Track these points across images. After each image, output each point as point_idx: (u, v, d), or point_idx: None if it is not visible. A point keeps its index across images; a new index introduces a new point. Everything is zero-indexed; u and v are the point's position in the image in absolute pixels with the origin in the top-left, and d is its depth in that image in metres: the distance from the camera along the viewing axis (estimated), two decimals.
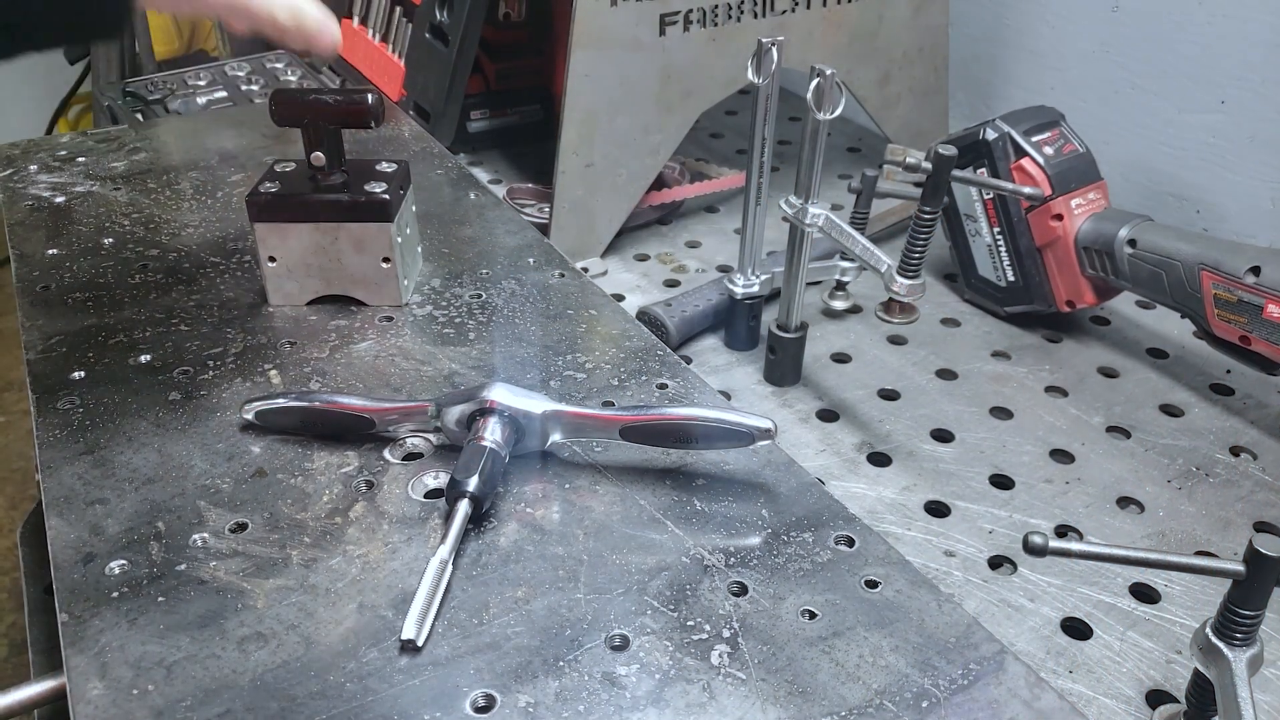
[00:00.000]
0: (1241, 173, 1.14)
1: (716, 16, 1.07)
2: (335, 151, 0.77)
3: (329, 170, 0.77)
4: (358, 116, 0.74)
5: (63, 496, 0.62)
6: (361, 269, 0.80)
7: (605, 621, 0.55)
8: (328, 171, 0.77)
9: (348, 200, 0.77)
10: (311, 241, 0.78)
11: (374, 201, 0.77)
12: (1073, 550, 0.54)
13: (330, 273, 0.80)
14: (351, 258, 0.79)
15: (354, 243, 0.78)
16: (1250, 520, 0.78)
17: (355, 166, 0.79)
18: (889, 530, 0.76)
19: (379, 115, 0.75)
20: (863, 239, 0.81)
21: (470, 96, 1.30)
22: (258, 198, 0.77)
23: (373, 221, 0.77)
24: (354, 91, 0.75)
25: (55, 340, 0.76)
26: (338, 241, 0.78)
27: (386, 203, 0.77)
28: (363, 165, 0.80)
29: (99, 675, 0.51)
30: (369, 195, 0.77)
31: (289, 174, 0.79)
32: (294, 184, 0.78)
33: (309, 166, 0.77)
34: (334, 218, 0.77)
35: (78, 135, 1.09)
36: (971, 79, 1.41)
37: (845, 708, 0.50)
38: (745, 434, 0.62)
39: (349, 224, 0.77)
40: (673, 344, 0.95)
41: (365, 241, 0.78)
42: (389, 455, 0.67)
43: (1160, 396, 0.92)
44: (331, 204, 0.77)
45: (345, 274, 0.80)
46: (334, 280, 0.81)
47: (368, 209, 0.77)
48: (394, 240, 0.78)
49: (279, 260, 0.79)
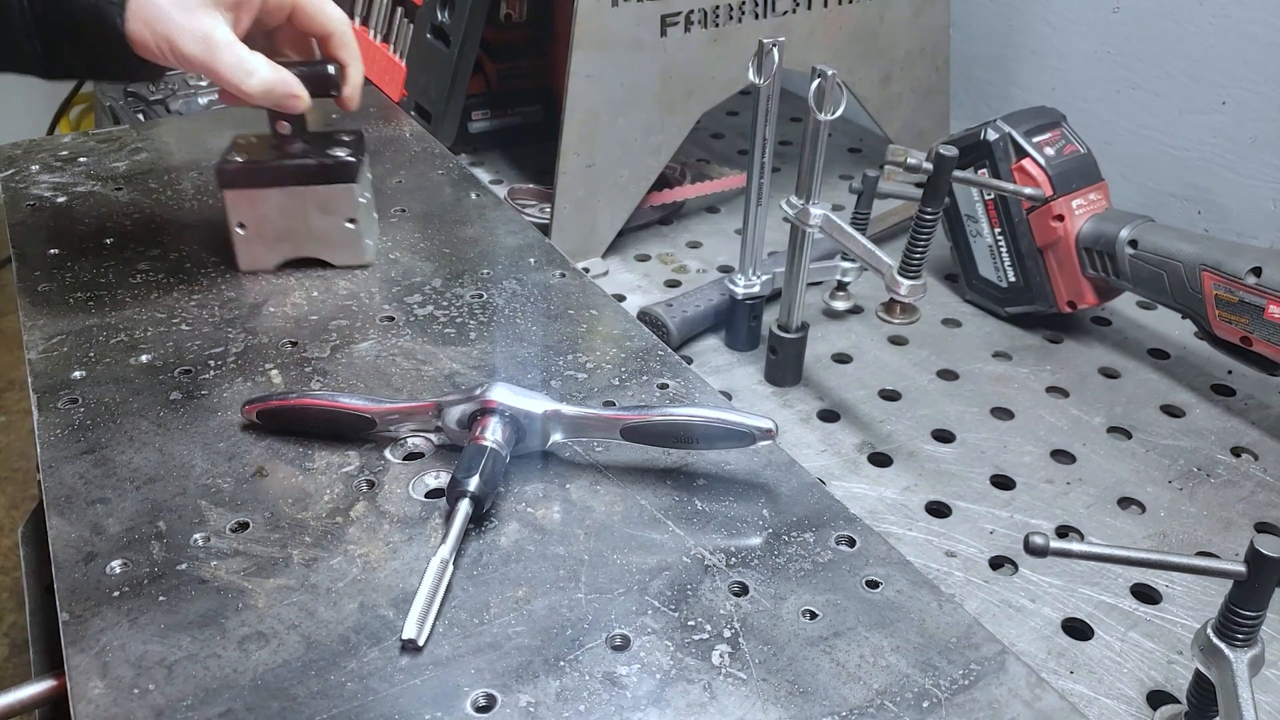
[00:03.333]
0: (1243, 173, 1.14)
1: (718, 17, 1.07)
2: (298, 122, 0.81)
3: (291, 140, 0.81)
4: (321, 85, 0.79)
5: (64, 496, 0.62)
6: (327, 230, 0.84)
7: (606, 621, 0.55)
8: (290, 141, 0.81)
9: (314, 164, 0.81)
10: (279, 206, 0.82)
11: (339, 164, 0.81)
12: (1074, 551, 0.54)
13: (298, 235, 0.84)
14: (318, 220, 0.83)
15: (320, 205, 0.83)
16: (1251, 521, 0.78)
17: (313, 137, 0.84)
18: (890, 531, 0.76)
19: (337, 84, 0.80)
20: (864, 239, 0.81)
21: (471, 97, 1.30)
22: (227, 166, 0.81)
23: (338, 183, 0.82)
24: (315, 63, 0.79)
25: (56, 340, 0.76)
26: (305, 204, 0.83)
27: (351, 164, 0.82)
28: (321, 135, 0.84)
29: (100, 674, 0.51)
30: (334, 159, 0.81)
31: (252, 145, 0.83)
32: (259, 153, 0.82)
33: (273, 135, 0.81)
34: (301, 181, 0.82)
35: (79, 135, 1.09)
36: (973, 79, 1.41)
37: (846, 708, 0.50)
38: (746, 434, 0.62)
39: (316, 187, 0.82)
40: (674, 344, 0.95)
41: (331, 203, 0.83)
42: (390, 455, 0.67)
43: (1161, 397, 0.92)
44: (299, 168, 0.81)
45: (312, 236, 0.85)
46: (302, 243, 0.85)
47: (334, 171, 0.81)
48: (357, 200, 0.83)
49: (248, 227, 0.83)
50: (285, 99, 0.76)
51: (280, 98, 0.75)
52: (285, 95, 0.75)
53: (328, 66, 0.79)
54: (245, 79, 0.73)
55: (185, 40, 0.70)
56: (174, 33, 0.70)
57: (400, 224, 0.94)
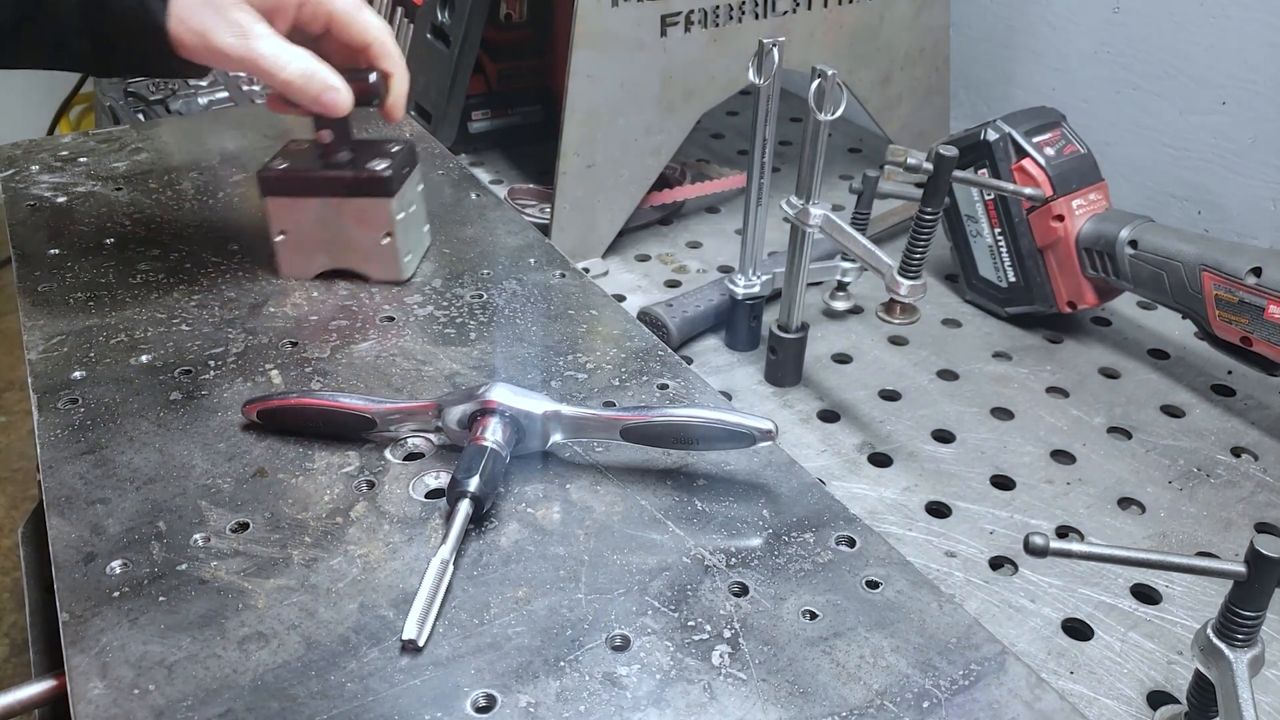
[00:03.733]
0: (1243, 173, 1.14)
1: (718, 17, 1.07)
2: (342, 131, 0.80)
3: (336, 148, 0.80)
4: (363, 94, 0.77)
5: (64, 496, 0.62)
6: (364, 244, 0.82)
7: (606, 622, 0.55)
8: (335, 149, 0.80)
9: (350, 176, 0.80)
10: (318, 216, 0.81)
11: (375, 178, 0.80)
12: (1074, 551, 0.54)
13: (336, 247, 0.83)
14: (354, 232, 0.82)
15: (357, 218, 0.81)
16: (1251, 521, 0.78)
17: (363, 146, 0.82)
18: (890, 531, 0.76)
19: (382, 93, 0.78)
20: (864, 239, 0.81)
21: (472, 97, 1.30)
22: (268, 173, 0.81)
23: (374, 197, 0.80)
24: (359, 71, 0.77)
25: (56, 340, 0.76)
26: (342, 216, 0.81)
27: (387, 179, 0.79)
28: (370, 144, 0.83)
29: (100, 675, 0.51)
30: (370, 172, 0.80)
31: (300, 152, 0.83)
32: (302, 161, 0.82)
33: (318, 145, 0.80)
34: (338, 193, 0.80)
35: (79, 135, 1.09)
36: (973, 80, 1.42)
37: (846, 708, 0.50)
38: (746, 435, 0.62)
39: (352, 199, 0.80)
40: (674, 344, 0.95)
41: (368, 216, 0.81)
42: (390, 455, 0.67)
43: (1161, 397, 0.92)
44: (335, 180, 0.80)
45: (349, 248, 0.83)
46: (339, 254, 0.84)
47: (369, 184, 0.80)
48: (393, 216, 0.81)
49: (288, 234, 0.83)
50: (325, 92, 0.74)
51: (320, 89, 0.73)
52: (324, 87, 0.74)
53: (370, 75, 0.77)
54: (284, 66, 0.71)
55: (222, 33, 0.70)
56: (211, 28, 0.70)
57: None
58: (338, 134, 0.80)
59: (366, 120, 1.13)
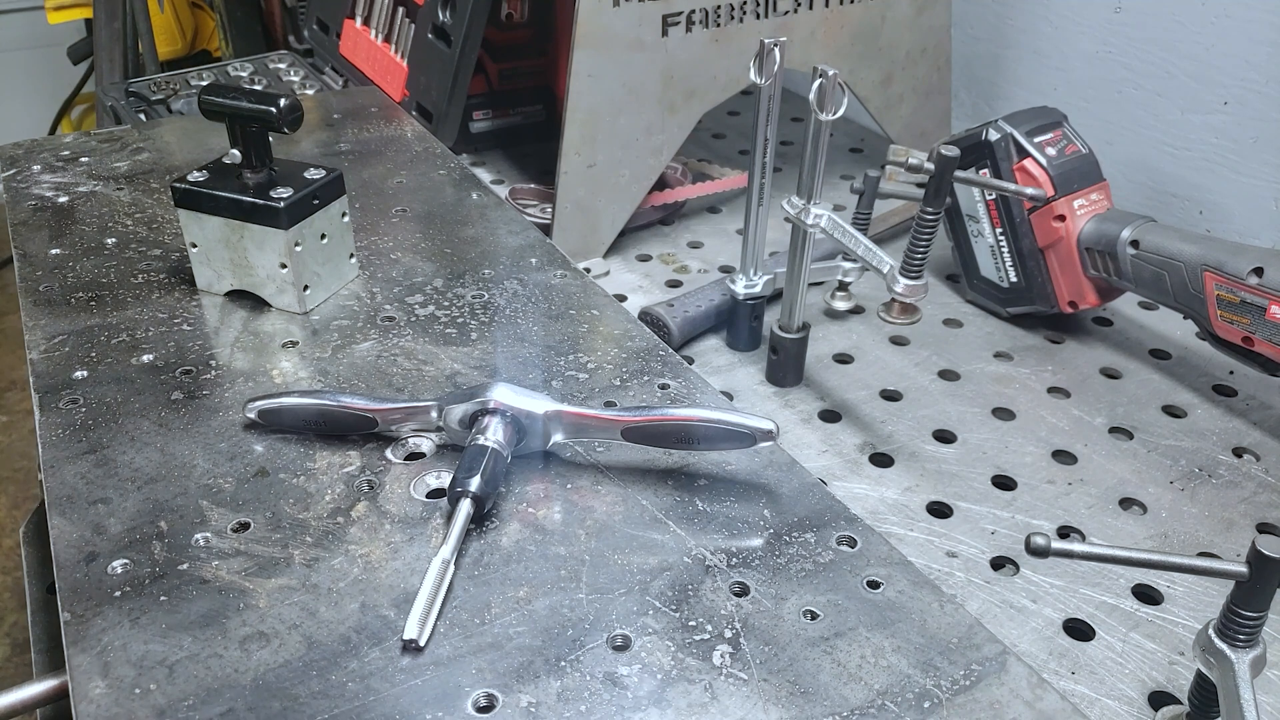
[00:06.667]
0: (1245, 173, 1.14)
1: (719, 17, 1.07)
2: (259, 151, 0.77)
3: (253, 168, 0.78)
4: (265, 120, 0.75)
5: (65, 496, 0.62)
6: (265, 270, 0.80)
7: (607, 622, 0.55)
8: (253, 169, 0.78)
9: (247, 201, 0.77)
10: (222, 235, 0.79)
11: (268, 207, 0.76)
12: (1075, 551, 0.54)
13: (240, 269, 0.81)
14: (256, 256, 0.80)
15: (256, 243, 0.79)
16: (1253, 521, 0.78)
17: (285, 168, 0.80)
18: (891, 531, 0.76)
19: (290, 121, 0.74)
20: (865, 240, 0.81)
21: (473, 97, 1.30)
22: (181, 183, 0.78)
23: (270, 226, 0.77)
24: (274, 95, 0.75)
25: (58, 340, 0.76)
26: (243, 239, 0.79)
27: (279, 210, 0.76)
28: (292, 168, 0.80)
29: (101, 674, 0.51)
30: (268, 200, 0.77)
31: (223, 167, 0.80)
32: (220, 176, 0.79)
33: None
34: (236, 215, 0.78)
35: (81, 135, 1.10)
36: (974, 79, 1.41)
37: (847, 708, 0.50)
38: (747, 435, 0.62)
39: (250, 224, 0.78)
40: (675, 344, 0.95)
41: (266, 244, 0.79)
42: (391, 455, 0.67)
43: (1163, 397, 0.92)
44: (234, 202, 0.77)
45: (251, 272, 0.81)
46: (243, 276, 0.81)
47: (264, 213, 0.77)
48: (290, 247, 0.78)
49: (199, 247, 0.81)
50: None
51: None
52: None
53: (280, 100, 0.74)
54: None
55: None
56: None
57: (401, 224, 0.94)
58: (251, 153, 0.77)
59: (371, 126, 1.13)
